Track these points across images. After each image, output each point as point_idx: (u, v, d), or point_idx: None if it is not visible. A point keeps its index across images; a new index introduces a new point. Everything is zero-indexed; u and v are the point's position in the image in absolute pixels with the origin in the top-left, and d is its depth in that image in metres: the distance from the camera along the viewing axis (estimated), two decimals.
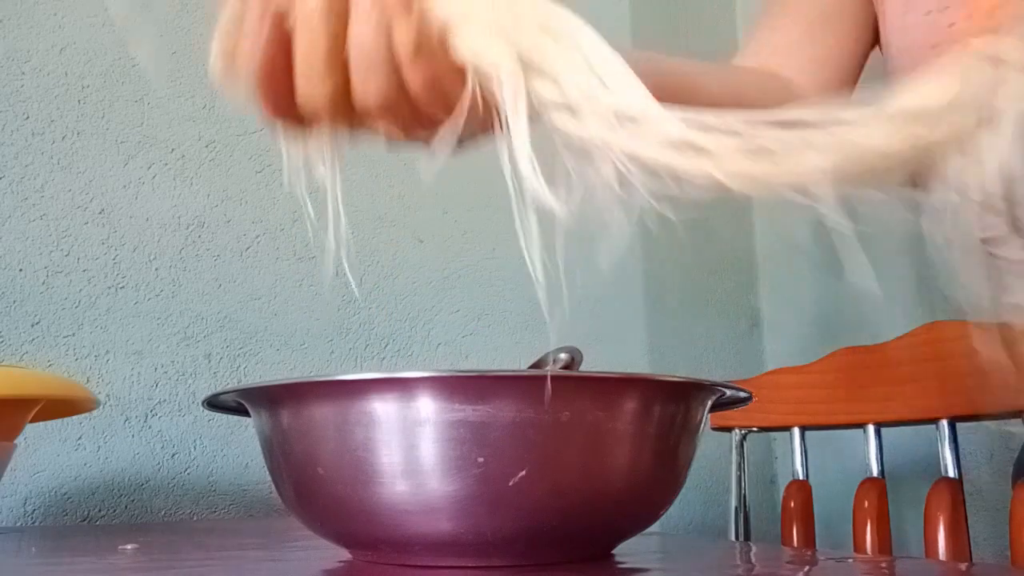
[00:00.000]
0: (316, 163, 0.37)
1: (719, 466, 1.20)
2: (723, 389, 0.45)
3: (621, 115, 0.29)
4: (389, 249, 1.19)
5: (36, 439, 0.97)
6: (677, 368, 1.32)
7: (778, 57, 0.68)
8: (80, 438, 1.00)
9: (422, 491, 0.38)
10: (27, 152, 1.04)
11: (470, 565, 0.41)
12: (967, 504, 0.75)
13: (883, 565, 0.50)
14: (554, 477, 0.39)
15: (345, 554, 0.46)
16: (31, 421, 0.75)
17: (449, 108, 0.34)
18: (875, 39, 0.70)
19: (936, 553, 0.72)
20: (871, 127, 0.28)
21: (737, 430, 0.97)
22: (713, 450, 1.17)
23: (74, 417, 0.97)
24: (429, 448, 0.38)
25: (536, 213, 0.32)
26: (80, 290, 1.03)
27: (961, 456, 0.77)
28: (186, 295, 1.08)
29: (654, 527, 0.46)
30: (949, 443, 0.77)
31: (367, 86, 0.34)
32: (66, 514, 0.99)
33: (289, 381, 0.42)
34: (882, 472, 0.84)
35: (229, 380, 1.08)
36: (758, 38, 0.71)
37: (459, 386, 0.38)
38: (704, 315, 1.38)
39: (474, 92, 0.32)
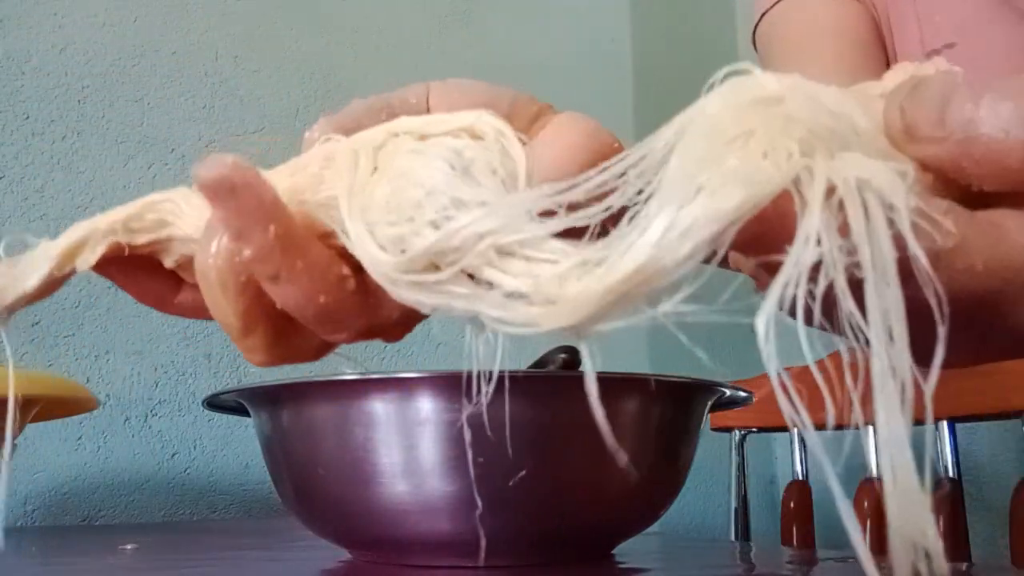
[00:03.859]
0: None
1: (719, 466, 1.20)
2: (723, 389, 0.45)
3: None
4: None
5: (36, 439, 0.97)
6: (677, 368, 1.32)
7: None
8: (80, 438, 1.00)
9: (422, 491, 0.38)
10: (27, 152, 1.04)
11: (470, 565, 0.41)
12: (967, 504, 0.74)
13: (883, 565, 0.50)
14: (554, 477, 0.39)
15: (345, 554, 0.46)
16: (31, 421, 0.75)
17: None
18: None
19: None
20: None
21: (737, 430, 0.97)
22: (713, 450, 1.17)
23: (74, 417, 0.97)
24: (429, 448, 0.38)
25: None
26: (80, 290, 1.03)
27: (961, 456, 0.77)
28: None
29: (654, 527, 0.46)
30: (949, 443, 0.77)
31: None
32: (66, 514, 0.99)
33: (289, 381, 0.42)
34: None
35: (229, 380, 1.08)
36: None
37: (459, 386, 0.38)
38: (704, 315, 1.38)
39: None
